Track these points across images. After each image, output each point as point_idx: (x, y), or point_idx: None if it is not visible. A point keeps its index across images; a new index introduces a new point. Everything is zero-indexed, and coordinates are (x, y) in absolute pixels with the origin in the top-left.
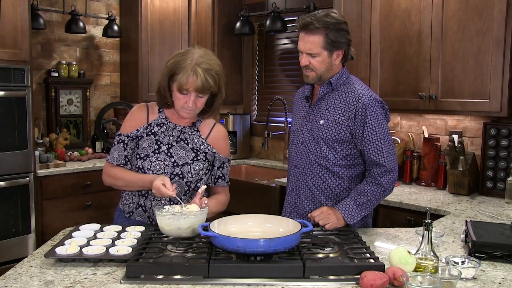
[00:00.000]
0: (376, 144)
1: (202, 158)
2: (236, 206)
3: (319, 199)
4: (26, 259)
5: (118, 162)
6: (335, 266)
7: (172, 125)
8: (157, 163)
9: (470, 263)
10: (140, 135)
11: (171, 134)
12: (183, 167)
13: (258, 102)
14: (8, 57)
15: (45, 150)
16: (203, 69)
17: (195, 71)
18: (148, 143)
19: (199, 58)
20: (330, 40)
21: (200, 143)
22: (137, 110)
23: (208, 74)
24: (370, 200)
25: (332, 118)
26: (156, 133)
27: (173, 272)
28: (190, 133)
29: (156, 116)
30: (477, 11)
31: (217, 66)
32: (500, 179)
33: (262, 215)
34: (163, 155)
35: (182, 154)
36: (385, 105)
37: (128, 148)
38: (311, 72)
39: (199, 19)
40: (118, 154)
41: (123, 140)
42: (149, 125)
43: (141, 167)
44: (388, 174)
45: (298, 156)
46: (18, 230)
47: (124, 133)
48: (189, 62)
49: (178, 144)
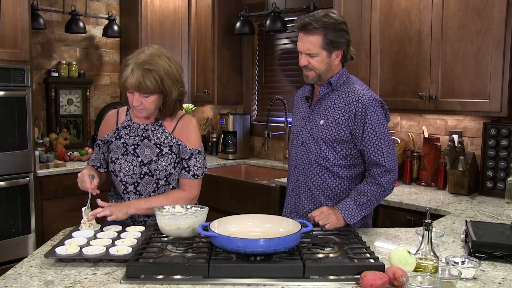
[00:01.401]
0: (376, 144)
1: (168, 152)
2: (236, 206)
3: (319, 199)
4: (26, 259)
5: (93, 163)
6: (335, 266)
7: (136, 125)
8: (126, 165)
9: (470, 263)
10: (110, 140)
11: (136, 134)
12: (150, 165)
13: (258, 102)
14: (8, 57)
15: (45, 150)
16: (144, 69)
17: (133, 70)
18: (116, 147)
19: (144, 57)
20: (328, 40)
21: (163, 137)
22: (108, 115)
23: (148, 74)
24: (370, 200)
25: (332, 118)
26: (122, 136)
27: (173, 272)
28: (154, 129)
29: (124, 118)
30: (477, 11)
31: (160, 68)
32: (500, 179)
33: (262, 215)
34: (130, 156)
35: (148, 152)
36: (385, 105)
37: (101, 152)
38: (310, 72)
39: (199, 19)
40: (95, 156)
41: (98, 144)
42: (117, 129)
43: (113, 170)
44: (388, 174)
45: (298, 157)
46: (18, 230)
47: (99, 137)
48: (134, 60)
49: (143, 142)
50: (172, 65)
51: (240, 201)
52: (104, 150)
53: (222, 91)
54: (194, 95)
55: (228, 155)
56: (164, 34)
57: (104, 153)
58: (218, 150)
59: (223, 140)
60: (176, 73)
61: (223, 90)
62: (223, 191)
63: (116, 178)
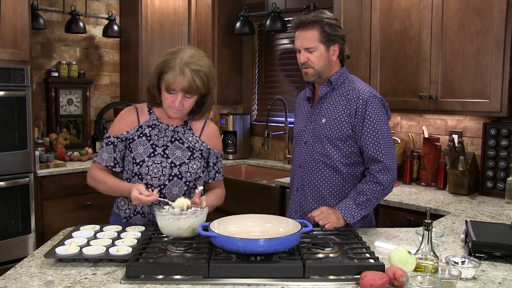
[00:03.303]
0: (375, 139)
1: (198, 156)
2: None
3: (325, 197)
4: (26, 259)
5: (107, 163)
6: (335, 266)
7: (164, 126)
8: (154, 167)
9: (470, 263)
10: (131, 137)
11: (165, 135)
12: (180, 167)
13: (258, 102)
14: (8, 57)
15: (45, 150)
16: (192, 70)
17: (182, 71)
18: (143, 148)
19: (189, 58)
20: (326, 33)
21: (194, 141)
22: (126, 112)
23: (196, 75)
24: (370, 199)
25: (334, 116)
26: (149, 136)
27: (173, 272)
28: (184, 132)
29: (147, 117)
30: (477, 11)
31: (206, 67)
32: (500, 179)
33: (262, 215)
34: (159, 157)
35: (179, 154)
36: (386, 103)
37: (117, 150)
38: (309, 69)
39: (199, 19)
40: (108, 155)
41: (113, 141)
42: (140, 127)
43: (138, 173)
44: (387, 172)
45: (302, 156)
46: (18, 230)
47: (114, 134)
48: (178, 61)
49: (173, 144)
50: (211, 65)
51: (240, 201)
52: (121, 148)
53: (222, 91)
54: None
55: (228, 155)
56: (164, 34)
57: (120, 151)
58: None
59: (223, 140)
60: (215, 73)
61: (223, 90)
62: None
63: (141, 182)
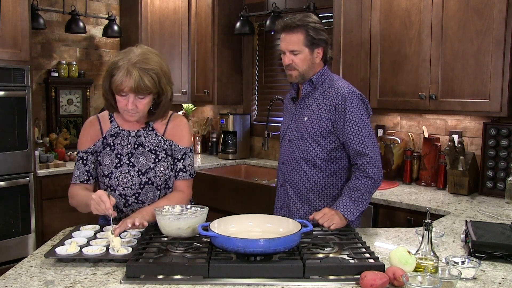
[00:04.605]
0: (358, 134)
1: (163, 156)
2: (236, 206)
3: (304, 193)
4: (26, 259)
5: (80, 179)
6: (335, 266)
7: (126, 133)
8: (123, 177)
9: (470, 263)
10: (98, 150)
11: (128, 143)
12: (148, 173)
13: (258, 102)
14: (8, 57)
15: (45, 150)
16: (139, 69)
17: (129, 71)
18: (109, 159)
19: (136, 57)
20: (310, 37)
21: (156, 141)
22: (88, 124)
23: (144, 74)
24: (364, 194)
25: (315, 113)
26: (113, 146)
27: (173, 272)
28: (146, 134)
29: (109, 126)
30: (477, 11)
31: (156, 65)
32: (500, 179)
33: (262, 215)
34: (126, 167)
35: (143, 160)
36: (365, 99)
37: (89, 163)
38: (293, 71)
39: (199, 19)
40: (79, 172)
41: (82, 156)
42: (104, 138)
43: (109, 185)
44: (374, 164)
45: (285, 154)
46: (18, 230)
47: (82, 149)
48: (126, 62)
49: (137, 150)
50: (163, 63)
51: (240, 201)
52: (93, 160)
53: (222, 91)
54: (194, 95)
55: (228, 155)
56: (164, 34)
57: (93, 163)
58: (218, 150)
59: (223, 140)
60: (168, 71)
61: (223, 90)
62: (223, 191)
63: (114, 193)
